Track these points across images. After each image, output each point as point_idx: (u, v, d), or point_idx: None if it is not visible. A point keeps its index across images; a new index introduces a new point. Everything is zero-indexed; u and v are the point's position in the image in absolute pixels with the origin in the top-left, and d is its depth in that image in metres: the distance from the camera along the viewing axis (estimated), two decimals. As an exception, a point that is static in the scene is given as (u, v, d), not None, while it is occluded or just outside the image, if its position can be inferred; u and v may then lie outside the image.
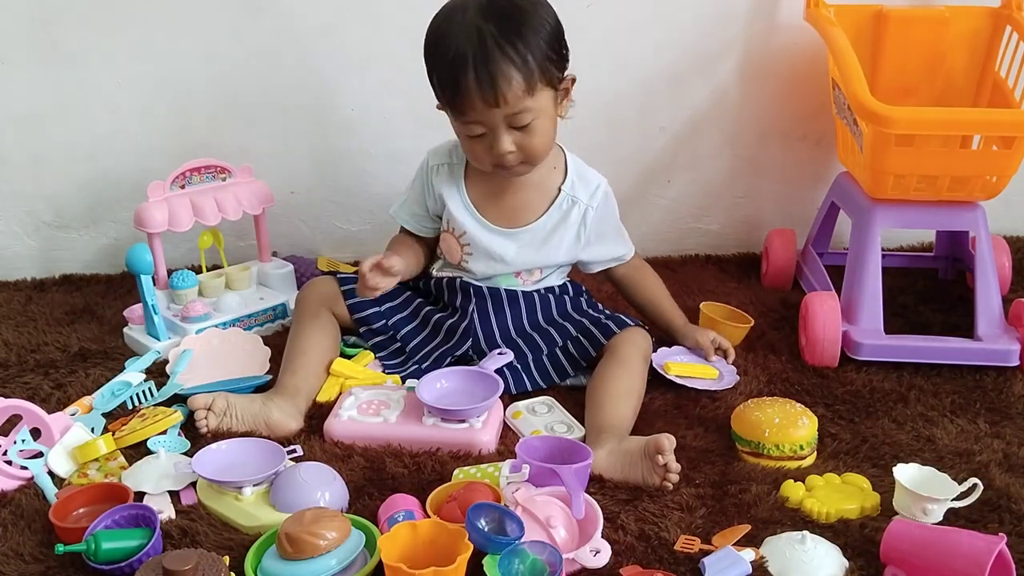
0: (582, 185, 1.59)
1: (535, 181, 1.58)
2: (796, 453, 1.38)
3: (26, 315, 1.87)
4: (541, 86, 1.43)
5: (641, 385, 1.51)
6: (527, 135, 1.46)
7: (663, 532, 1.23)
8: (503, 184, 1.58)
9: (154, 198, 1.74)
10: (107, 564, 1.16)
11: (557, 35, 1.46)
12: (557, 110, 1.50)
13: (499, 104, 1.41)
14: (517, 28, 1.41)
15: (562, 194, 1.58)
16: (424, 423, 1.44)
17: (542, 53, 1.42)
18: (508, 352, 1.56)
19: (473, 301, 1.61)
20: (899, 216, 1.71)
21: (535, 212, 1.59)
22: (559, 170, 1.59)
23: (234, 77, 1.96)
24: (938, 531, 1.16)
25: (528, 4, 1.45)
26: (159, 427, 1.43)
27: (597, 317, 1.61)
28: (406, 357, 1.63)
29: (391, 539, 1.13)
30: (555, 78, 1.46)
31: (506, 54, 1.40)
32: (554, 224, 1.59)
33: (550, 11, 1.47)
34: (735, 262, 2.10)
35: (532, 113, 1.44)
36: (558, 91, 1.48)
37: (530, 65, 1.41)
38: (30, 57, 1.91)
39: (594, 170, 1.63)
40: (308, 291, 1.65)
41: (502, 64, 1.39)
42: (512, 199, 1.59)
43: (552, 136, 1.51)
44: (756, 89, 2.02)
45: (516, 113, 1.43)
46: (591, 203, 1.59)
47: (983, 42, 1.86)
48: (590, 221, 1.59)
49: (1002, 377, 1.60)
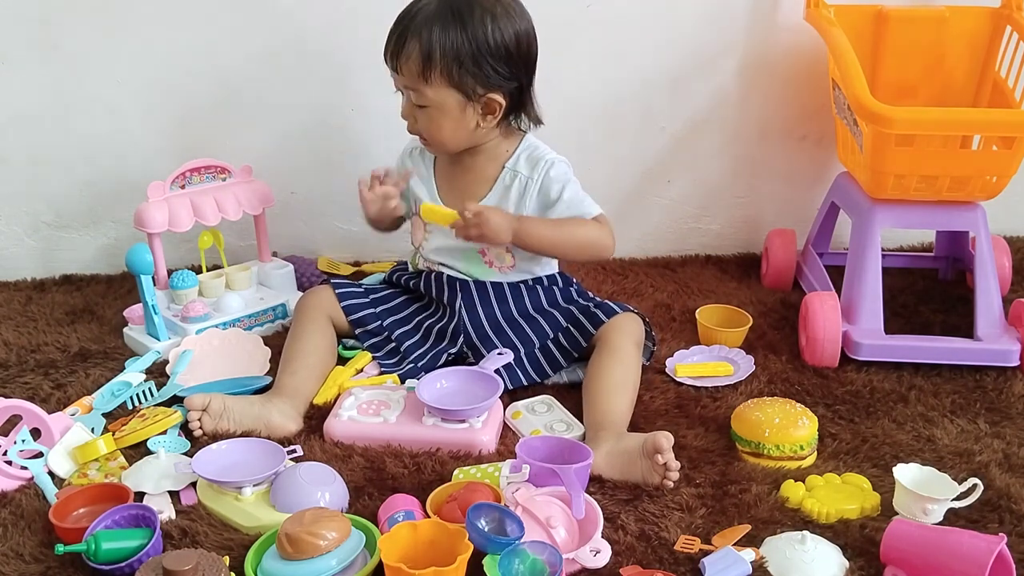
0: (528, 162, 1.59)
1: (482, 164, 1.61)
2: (796, 453, 1.38)
3: (26, 315, 1.87)
4: (441, 82, 1.48)
5: (635, 374, 1.51)
6: (423, 117, 1.53)
7: (663, 532, 1.23)
8: (459, 165, 1.62)
9: (154, 198, 1.74)
10: (107, 564, 1.16)
11: (493, 53, 1.47)
12: (467, 117, 1.52)
13: (398, 70, 1.51)
14: (448, 21, 1.46)
15: (504, 169, 1.60)
16: (424, 423, 1.44)
17: (456, 55, 1.46)
18: (508, 352, 1.56)
19: (459, 296, 1.62)
20: (899, 216, 1.71)
21: (482, 190, 1.61)
22: (511, 152, 1.61)
23: (234, 77, 1.95)
24: (938, 531, 1.16)
25: (483, 12, 1.47)
26: (159, 427, 1.43)
27: (586, 306, 1.61)
28: (401, 357, 1.63)
29: (391, 539, 1.13)
30: (467, 86, 1.49)
31: (421, 33, 1.46)
32: (498, 199, 1.59)
33: (506, 31, 1.48)
34: (735, 262, 2.10)
35: (428, 100, 1.50)
36: (472, 101, 1.50)
37: (434, 56, 1.46)
38: (30, 57, 1.91)
39: (561, 158, 1.61)
40: (306, 299, 1.68)
41: (412, 38, 1.47)
42: (464, 179, 1.62)
43: (453, 136, 1.54)
44: (756, 89, 2.01)
45: (412, 89, 1.51)
46: (532, 176, 1.58)
47: (983, 42, 1.86)
48: (531, 193, 1.58)
49: (1002, 377, 1.60)
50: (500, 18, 1.48)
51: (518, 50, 1.50)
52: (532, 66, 1.55)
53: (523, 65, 1.52)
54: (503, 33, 1.48)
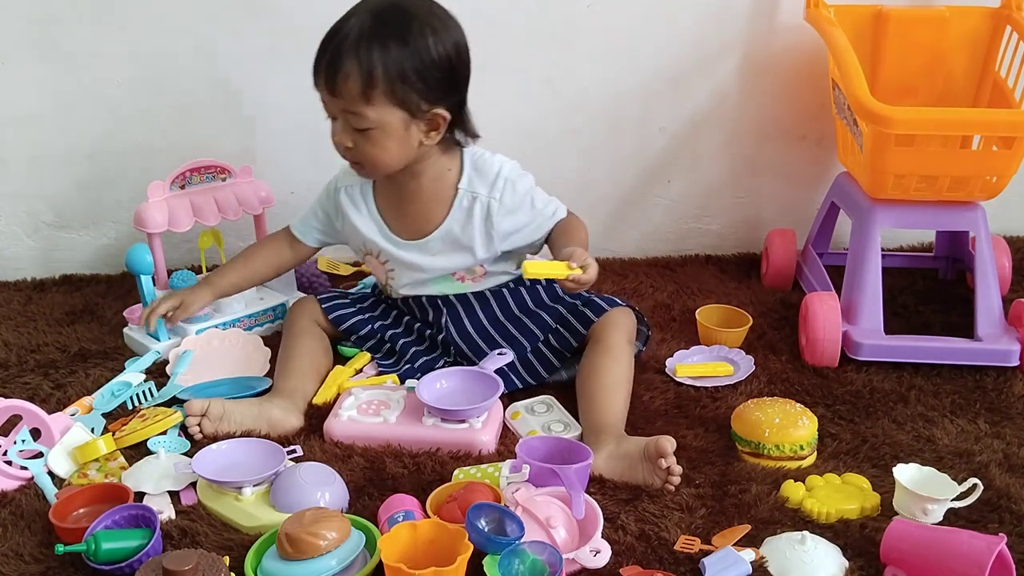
0: (480, 179, 1.54)
1: (430, 188, 1.55)
2: (796, 453, 1.38)
3: (26, 315, 1.87)
4: (384, 102, 1.40)
5: (629, 370, 1.51)
6: (365, 141, 1.45)
7: (663, 532, 1.23)
8: (402, 194, 1.56)
9: (154, 198, 1.74)
10: (107, 564, 1.16)
11: (436, 66, 1.42)
12: (411, 136, 1.45)
13: (335, 94, 1.42)
14: (386, 37, 1.39)
15: (460, 192, 1.54)
16: (424, 423, 1.44)
17: (398, 71, 1.39)
18: (508, 352, 1.56)
19: (444, 312, 1.61)
20: (899, 216, 1.71)
21: (437, 218, 1.55)
22: (454, 171, 1.55)
23: (234, 77, 1.96)
24: (938, 531, 1.16)
25: (421, 25, 1.41)
26: (159, 427, 1.43)
27: (573, 304, 1.59)
28: (399, 356, 1.64)
29: (391, 539, 1.13)
30: (412, 103, 1.42)
31: (358, 53, 1.39)
32: (461, 223, 1.54)
33: (447, 44, 1.43)
34: (735, 262, 2.10)
35: (370, 122, 1.42)
36: (416, 118, 1.44)
37: (375, 75, 1.39)
38: (30, 57, 1.91)
39: (500, 156, 1.57)
40: (292, 310, 1.68)
41: (348, 59, 1.39)
42: (412, 209, 1.57)
43: (397, 156, 1.47)
44: (756, 89, 2.02)
45: (352, 112, 1.42)
46: (492, 195, 1.53)
47: (983, 42, 1.86)
48: (495, 213, 1.53)
49: (1002, 377, 1.60)
50: (439, 30, 1.42)
51: (460, 61, 1.45)
52: (469, 78, 1.49)
53: (463, 77, 1.47)
54: (444, 45, 1.42)
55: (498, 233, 1.55)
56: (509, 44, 1.94)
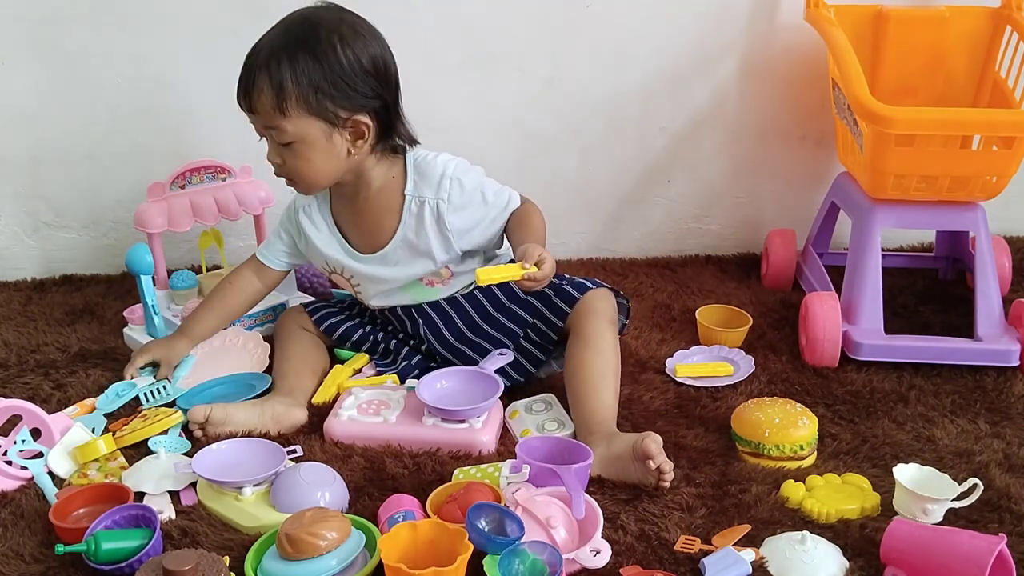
0: (424, 181, 1.52)
1: (377, 198, 1.54)
2: (796, 453, 1.37)
3: (26, 315, 1.87)
4: (300, 113, 1.41)
5: (614, 359, 1.48)
6: (291, 156, 1.45)
7: (663, 532, 1.23)
8: (354, 208, 1.56)
9: (154, 198, 1.74)
10: (107, 564, 1.16)
11: (348, 74, 1.41)
12: (335, 146, 1.45)
13: (253, 111, 1.44)
14: (295, 51, 1.40)
15: (407, 198, 1.53)
16: (424, 423, 1.44)
17: (310, 82, 1.40)
18: (508, 352, 1.56)
19: (420, 322, 1.60)
20: (899, 216, 1.71)
21: (390, 227, 1.54)
22: (398, 178, 1.53)
23: (234, 77, 1.94)
24: (938, 531, 1.16)
25: (328, 34, 1.41)
26: (159, 427, 1.43)
27: (547, 295, 1.56)
28: (394, 355, 1.64)
29: (391, 539, 1.13)
30: (328, 112, 1.42)
31: (268, 68, 1.40)
32: (414, 229, 1.53)
33: (357, 51, 1.42)
34: (735, 262, 2.10)
35: (290, 135, 1.43)
36: (337, 127, 1.44)
37: (286, 87, 1.40)
38: (30, 57, 1.91)
39: (444, 155, 1.54)
40: (282, 321, 1.69)
41: (260, 75, 1.41)
42: (366, 222, 1.56)
43: (325, 169, 1.47)
44: (756, 89, 2.02)
45: (272, 127, 1.43)
46: (440, 196, 1.51)
47: (983, 42, 1.86)
48: (445, 213, 1.51)
49: (1002, 377, 1.60)
50: (348, 38, 1.42)
51: (374, 67, 1.44)
52: (393, 84, 1.48)
53: (383, 83, 1.45)
54: (354, 51, 1.42)
55: (453, 232, 1.53)
56: (509, 44, 1.95)
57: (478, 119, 1.80)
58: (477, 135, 1.98)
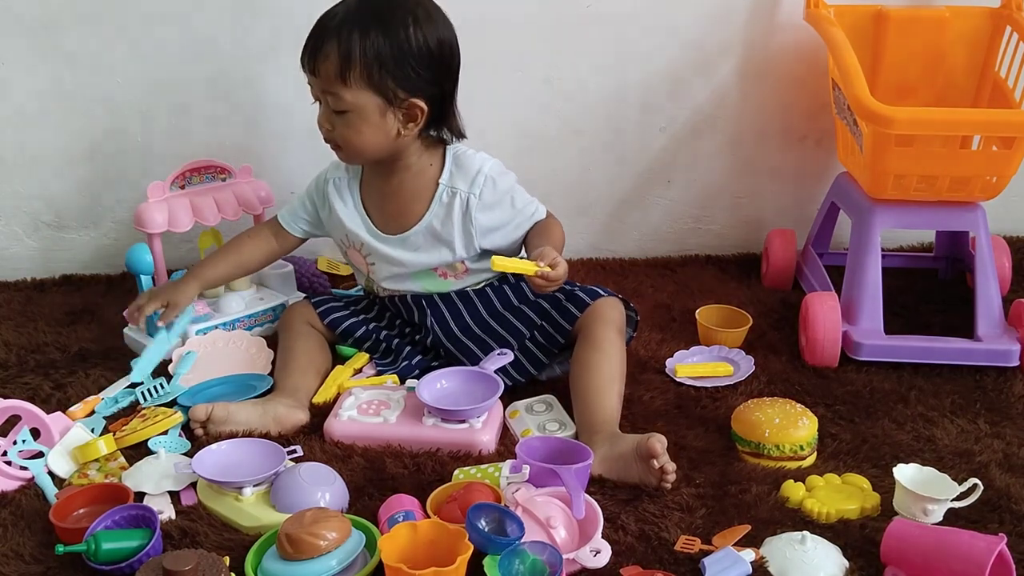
0: (460, 174, 1.55)
1: (411, 183, 1.56)
2: (796, 453, 1.38)
3: (26, 315, 1.87)
4: (361, 85, 1.43)
5: (621, 365, 1.49)
6: (342, 124, 1.48)
7: (663, 532, 1.23)
8: (385, 189, 1.58)
9: (154, 198, 1.74)
10: (107, 564, 1.16)
11: (415, 56, 1.44)
12: (387, 123, 1.47)
13: (315, 73, 1.46)
14: (368, 22, 1.43)
15: (440, 187, 1.55)
16: (424, 423, 1.44)
17: (376, 56, 1.42)
18: (508, 352, 1.56)
19: (428, 313, 1.61)
20: (899, 216, 1.71)
21: (418, 212, 1.56)
22: (435, 166, 1.56)
23: (234, 77, 1.95)
24: (938, 531, 1.16)
25: (404, 14, 1.43)
26: (159, 427, 1.43)
27: (556, 298, 1.57)
28: (395, 355, 1.64)
29: (391, 539, 1.13)
30: (388, 89, 1.44)
31: (339, 35, 1.43)
32: (440, 218, 1.55)
33: (429, 35, 1.44)
34: (735, 262, 2.10)
35: (347, 104, 1.45)
36: (393, 106, 1.46)
37: (352, 57, 1.42)
38: (30, 57, 1.91)
39: (483, 154, 1.57)
40: (288, 313, 1.69)
41: (329, 40, 1.43)
42: (393, 204, 1.58)
43: (372, 143, 1.49)
44: (756, 89, 2.01)
45: (331, 93, 1.46)
46: (472, 190, 1.54)
47: (983, 42, 1.86)
48: (474, 209, 1.54)
49: (1002, 377, 1.60)
50: (422, 21, 1.44)
51: (440, 54, 1.46)
52: (454, 75, 1.51)
53: (445, 71, 1.48)
54: (425, 36, 1.44)
55: (477, 229, 1.55)
56: (509, 44, 1.95)
57: (478, 119, 1.78)
58: (477, 135, 1.97)
